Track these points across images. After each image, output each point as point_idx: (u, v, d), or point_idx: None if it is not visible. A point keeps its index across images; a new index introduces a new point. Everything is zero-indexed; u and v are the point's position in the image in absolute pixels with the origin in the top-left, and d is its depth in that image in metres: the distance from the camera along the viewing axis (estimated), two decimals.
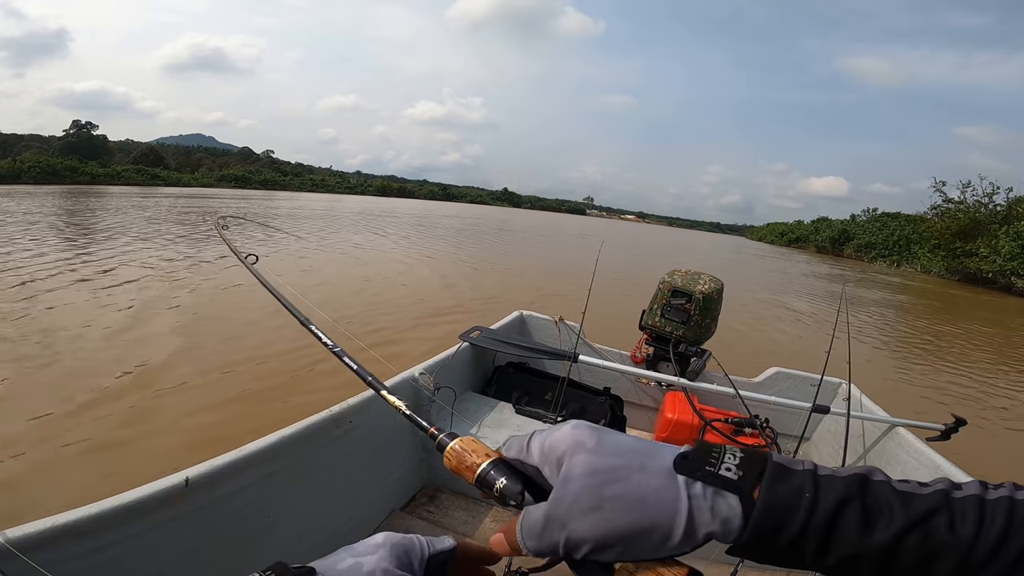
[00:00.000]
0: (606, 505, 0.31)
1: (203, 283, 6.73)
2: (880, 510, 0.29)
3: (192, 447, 2.84)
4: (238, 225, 10.47)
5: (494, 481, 0.38)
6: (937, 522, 0.28)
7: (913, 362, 6.89)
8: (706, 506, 0.30)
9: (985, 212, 28.32)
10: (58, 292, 5.70)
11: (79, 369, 3.74)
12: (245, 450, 1.30)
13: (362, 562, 0.36)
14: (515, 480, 0.37)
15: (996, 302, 18.53)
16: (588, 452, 0.33)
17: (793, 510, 0.29)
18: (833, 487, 0.30)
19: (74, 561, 0.95)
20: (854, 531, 0.29)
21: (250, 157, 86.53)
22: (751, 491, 0.30)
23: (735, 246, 48.90)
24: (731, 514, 0.30)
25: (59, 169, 36.54)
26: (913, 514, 0.29)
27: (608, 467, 0.32)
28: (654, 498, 0.31)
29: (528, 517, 0.34)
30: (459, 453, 0.41)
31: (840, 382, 2.60)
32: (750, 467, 0.31)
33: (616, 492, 0.31)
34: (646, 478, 0.31)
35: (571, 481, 0.33)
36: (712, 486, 0.31)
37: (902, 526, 0.28)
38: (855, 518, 0.29)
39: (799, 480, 0.30)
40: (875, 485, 0.30)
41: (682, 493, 0.31)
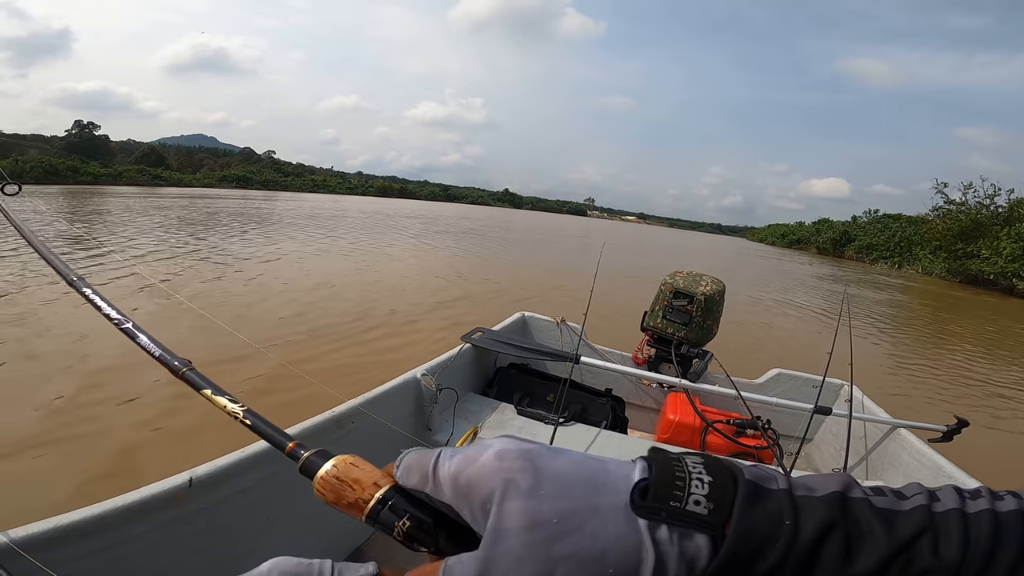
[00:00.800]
0: (557, 570, 0.25)
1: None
2: (862, 536, 0.26)
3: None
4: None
5: (391, 522, 0.29)
6: (921, 546, 0.26)
7: (915, 363, 6.88)
8: (673, 552, 0.25)
9: (987, 214, 28.30)
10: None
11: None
12: (248, 450, 1.30)
13: None
14: (423, 515, 0.29)
15: (997, 304, 18.50)
16: (524, 496, 0.26)
17: (770, 541, 0.25)
18: (813, 511, 0.26)
19: (78, 561, 0.96)
20: (834, 562, 0.25)
21: (252, 157, 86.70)
22: (723, 525, 0.26)
23: (736, 247, 48.90)
24: (698, 554, 0.25)
25: (61, 169, 36.64)
26: (896, 539, 0.26)
27: (553, 514, 0.26)
28: (615, 551, 0.25)
29: (452, 574, 0.27)
30: (334, 486, 0.31)
31: (842, 383, 2.60)
32: (722, 495, 0.27)
33: (568, 550, 0.25)
34: (602, 525, 0.26)
35: (507, 537, 0.26)
36: (680, 526, 0.26)
37: (885, 553, 0.25)
38: (837, 547, 0.26)
39: (776, 503, 0.27)
40: (855, 505, 0.27)
41: (646, 540, 0.25)
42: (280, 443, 0.35)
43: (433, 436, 2.04)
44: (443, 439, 2.02)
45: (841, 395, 2.59)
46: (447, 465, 0.28)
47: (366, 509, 0.30)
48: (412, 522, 0.29)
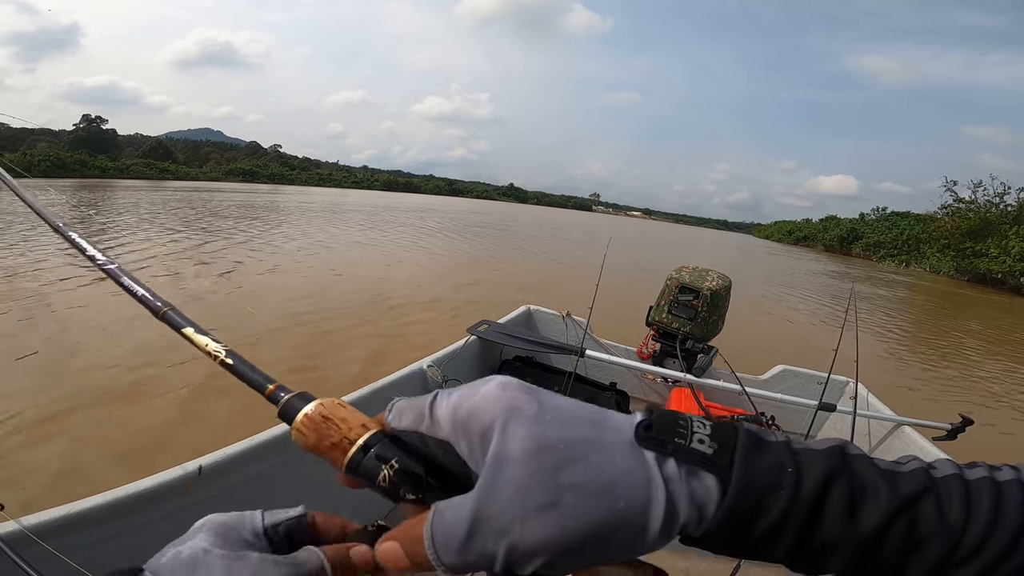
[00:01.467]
0: (565, 499, 0.23)
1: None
2: (865, 490, 0.25)
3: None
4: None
5: (377, 467, 0.27)
6: (925, 506, 0.25)
7: (921, 361, 6.85)
8: (683, 491, 0.24)
9: (996, 212, 28.05)
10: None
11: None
12: (257, 439, 1.32)
13: (181, 550, 0.28)
14: (412, 460, 0.27)
15: (1006, 303, 18.36)
16: (529, 422, 0.24)
17: (774, 490, 0.24)
18: (815, 462, 0.25)
19: (89, 548, 0.97)
20: (840, 515, 0.24)
21: (258, 151, 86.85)
22: (728, 467, 0.25)
23: (742, 244, 48.68)
24: (707, 498, 0.24)
25: (69, 163, 36.86)
26: (900, 495, 0.25)
27: (559, 441, 0.24)
28: (624, 484, 0.23)
29: (443, 519, 0.24)
30: (318, 424, 0.28)
31: (847, 380, 2.59)
32: (724, 438, 0.25)
33: (575, 479, 0.23)
34: (608, 456, 0.24)
35: (510, 464, 0.24)
36: (686, 464, 0.24)
37: (888, 511, 0.24)
38: (841, 498, 0.24)
39: (776, 454, 0.25)
40: (855, 460, 0.26)
41: (655, 475, 0.24)
42: (260, 385, 0.32)
43: None
44: None
45: (846, 392, 2.58)
46: (445, 401, 0.27)
47: (350, 451, 0.27)
48: (400, 464, 0.26)
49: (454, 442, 0.26)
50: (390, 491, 0.27)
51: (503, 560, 0.23)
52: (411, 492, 0.26)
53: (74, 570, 0.83)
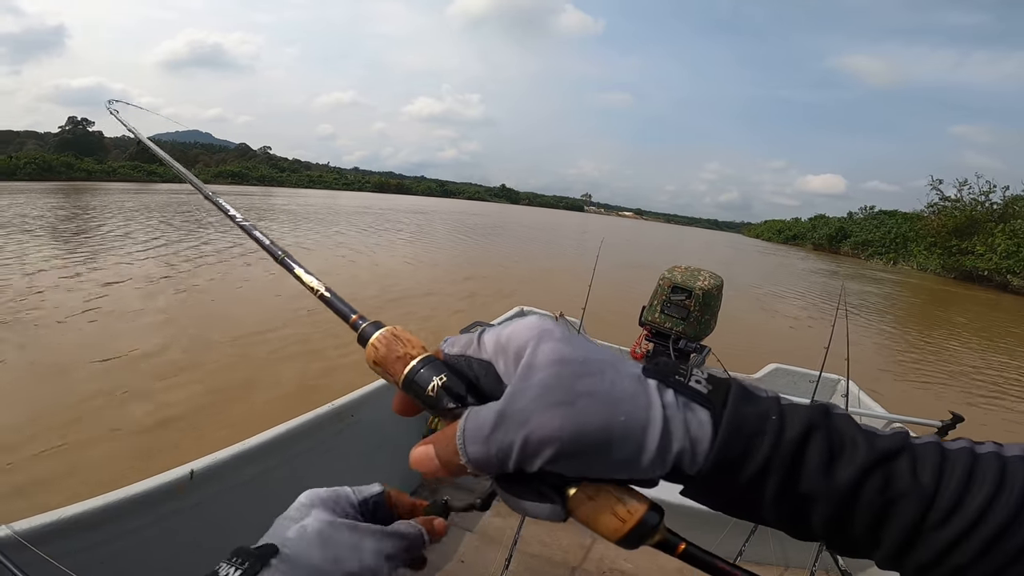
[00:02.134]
0: (579, 401, 0.26)
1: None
2: (843, 444, 0.27)
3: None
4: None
5: (429, 379, 0.30)
6: (900, 464, 0.26)
7: (911, 358, 6.92)
8: (679, 418, 0.26)
9: (982, 210, 28.42)
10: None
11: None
12: (248, 443, 1.31)
13: (304, 525, 0.34)
14: (456, 380, 0.30)
15: (992, 300, 18.61)
16: (557, 340, 0.28)
17: (759, 435, 0.26)
18: (798, 413, 0.27)
19: (82, 552, 0.96)
20: (817, 465, 0.26)
21: (247, 153, 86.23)
22: (721, 407, 0.27)
23: (733, 243, 48.99)
24: (701, 433, 0.26)
25: (55, 165, 36.39)
26: (876, 451, 0.26)
27: (580, 358, 0.27)
28: (629, 402, 0.26)
29: (475, 417, 0.27)
30: (388, 342, 0.33)
31: (839, 378, 2.61)
32: (717, 384, 0.28)
33: (588, 387, 0.26)
34: (619, 377, 0.27)
35: (537, 369, 0.27)
36: (684, 396, 0.27)
37: (864, 464, 0.26)
38: (819, 450, 0.26)
39: (764, 404, 0.28)
40: (837, 418, 0.28)
41: (655, 400, 0.26)
42: (346, 315, 0.38)
43: (433, 426, 2.04)
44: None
45: (838, 390, 2.60)
46: (491, 331, 0.31)
47: (409, 364, 0.31)
48: (447, 380, 0.30)
49: (494, 361, 0.30)
50: (435, 401, 0.30)
51: (518, 449, 0.26)
52: (452, 402, 0.29)
53: (65, 575, 0.82)
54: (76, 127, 57.63)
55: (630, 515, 0.27)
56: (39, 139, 64.84)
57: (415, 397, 0.31)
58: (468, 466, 0.27)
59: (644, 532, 0.27)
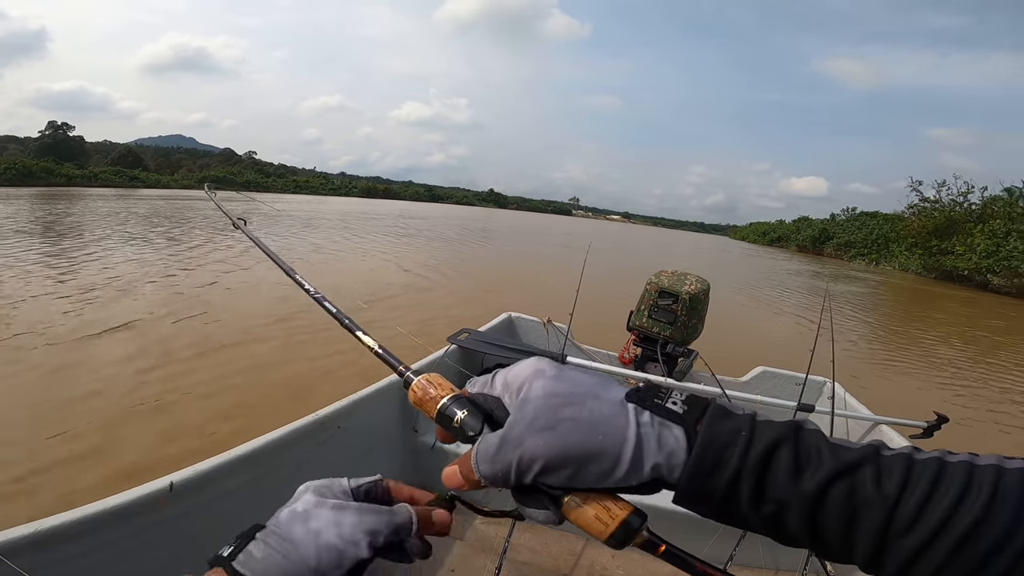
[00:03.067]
0: (559, 426, 0.32)
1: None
2: (809, 456, 0.30)
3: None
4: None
5: (454, 414, 0.38)
6: (863, 474, 0.28)
7: (895, 359, 7.02)
8: (653, 435, 0.31)
9: (960, 211, 29.01)
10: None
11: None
12: (231, 454, 1.29)
13: (295, 507, 0.37)
14: (475, 414, 0.38)
15: (973, 299, 18.98)
16: (547, 378, 0.35)
17: (730, 448, 0.30)
18: (768, 430, 0.31)
19: (59, 566, 0.95)
20: (784, 475, 0.29)
21: (232, 158, 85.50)
22: (695, 425, 0.31)
23: (719, 245, 49.48)
24: (676, 447, 0.31)
25: (35, 171, 35.71)
26: (840, 462, 0.29)
27: (565, 392, 0.33)
28: (605, 424, 0.32)
29: (485, 442, 0.35)
30: (424, 387, 0.42)
31: (824, 380, 2.63)
32: (694, 405, 0.33)
33: (570, 414, 0.32)
34: (599, 405, 0.33)
35: (528, 403, 0.34)
36: (659, 416, 0.32)
37: (829, 474, 0.28)
38: (786, 461, 0.29)
39: (738, 422, 0.31)
40: (808, 433, 0.31)
41: (631, 420, 0.32)
42: (395, 367, 0.50)
43: (419, 438, 2.03)
44: (429, 440, 2.01)
45: (824, 392, 2.62)
46: (501, 372, 0.38)
47: (439, 403, 0.40)
48: (469, 414, 0.38)
49: (502, 397, 0.37)
50: (459, 431, 0.38)
51: (515, 467, 0.33)
52: (472, 431, 0.37)
53: None
54: (56, 132, 56.57)
55: (612, 519, 0.32)
56: (19, 144, 63.62)
57: (446, 428, 0.39)
58: (482, 481, 0.35)
59: (627, 533, 0.32)
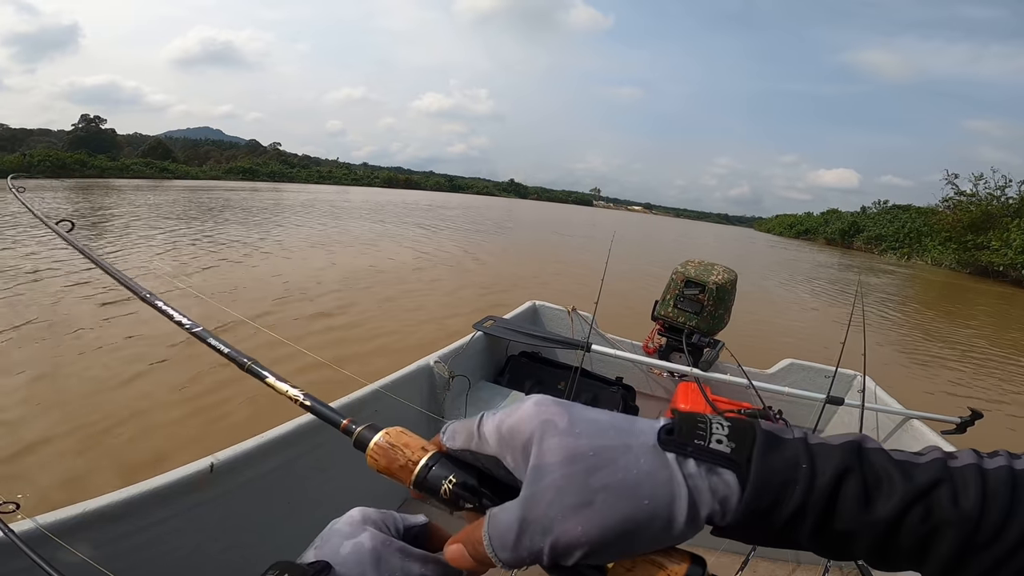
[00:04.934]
0: (596, 499, 0.26)
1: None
2: (879, 482, 0.27)
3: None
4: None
5: (438, 482, 0.31)
6: (939, 495, 0.26)
7: (929, 354, 6.83)
8: (704, 486, 0.27)
9: (997, 205, 27.95)
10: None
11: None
12: (268, 436, 1.33)
13: (360, 541, 0.33)
14: (467, 475, 0.31)
15: (1009, 295, 18.33)
16: (562, 434, 0.28)
17: (790, 484, 0.27)
18: (829, 457, 0.27)
19: (106, 546, 0.98)
20: (853, 506, 0.26)
21: (257, 150, 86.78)
22: (746, 464, 0.27)
23: (745, 237, 48.63)
24: (728, 492, 0.27)
25: (68, 163, 36.79)
26: (915, 486, 0.26)
27: (587, 450, 0.27)
28: (648, 483, 0.27)
29: (497, 523, 0.28)
30: (387, 451, 0.33)
31: (855, 374, 2.58)
32: (741, 437, 0.28)
33: (604, 481, 0.27)
34: (633, 459, 0.27)
35: (547, 472, 0.27)
36: (706, 462, 0.27)
37: (904, 499, 0.26)
38: (854, 490, 0.26)
39: (792, 450, 0.28)
40: (871, 454, 0.28)
41: (676, 474, 0.27)
42: (336, 421, 0.38)
43: (446, 423, 2.06)
44: None
45: (854, 386, 2.58)
46: (490, 421, 0.31)
47: (415, 471, 0.32)
48: (457, 479, 0.30)
49: (501, 456, 0.30)
50: (450, 502, 0.31)
51: (549, 554, 0.27)
52: (468, 502, 0.30)
53: (91, 568, 0.84)
54: (89, 124, 58.26)
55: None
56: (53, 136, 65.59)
57: (430, 497, 0.31)
58: (502, 567, 0.29)
59: None
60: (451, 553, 0.31)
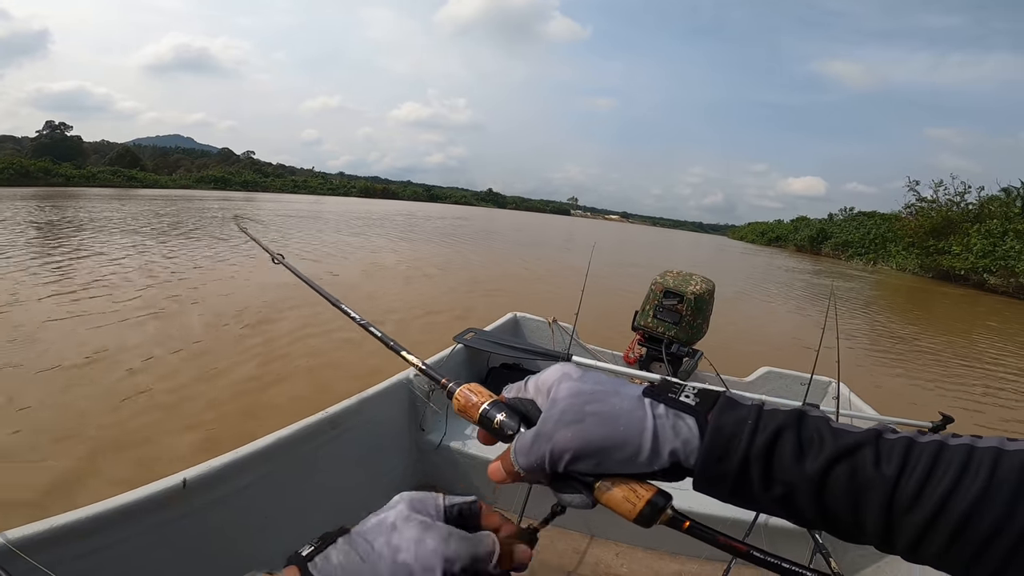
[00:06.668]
0: (586, 420, 0.35)
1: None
2: (811, 440, 0.32)
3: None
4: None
5: (494, 417, 0.42)
6: (863, 456, 0.30)
7: (900, 359, 7.03)
8: (668, 424, 0.35)
9: (957, 211, 29.04)
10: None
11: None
12: (242, 451, 1.31)
13: (384, 516, 0.37)
14: (512, 415, 0.41)
15: (971, 296, 19.04)
16: (572, 380, 0.38)
17: (737, 436, 0.33)
18: (773, 418, 0.33)
19: (76, 561, 0.96)
20: (789, 459, 0.31)
21: (230, 158, 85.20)
22: (706, 416, 0.35)
23: (718, 245, 49.54)
24: (689, 435, 0.34)
25: (32, 171, 35.58)
26: (841, 446, 0.31)
27: (589, 390, 0.37)
28: (626, 416, 0.35)
29: (521, 438, 0.38)
30: (466, 395, 0.45)
31: (829, 380, 2.64)
32: (706, 398, 0.36)
33: (594, 409, 0.36)
34: (619, 400, 0.36)
35: (557, 402, 0.37)
36: (673, 409, 0.35)
37: (830, 456, 0.30)
38: (790, 446, 0.32)
39: (745, 411, 0.34)
40: (811, 419, 0.34)
41: (648, 412, 0.35)
42: (438, 379, 0.52)
43: (426, 436, 2.03)
44: (436, 439, 2.01)
45: (829, 392, 2.63)
46: (533, 378, 0.42)
47: (480, 408, 0.43)
48: (506, 416, 0.41)
49: (535, 398, 0.41)
50: (499, 432, 0.41)
51: (549, 457, 0.36)
52: (510, 430, 0.41)
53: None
54: (54, 131, 56.46)
55: (639, 499, 0.35)
56: (16, 143, 63.40)
57: (487, 429, 0.43)
58: (522, 472, 0.38)
59: (653, 511, 0.35)
60: (491, 468, 0.40)
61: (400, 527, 0.35)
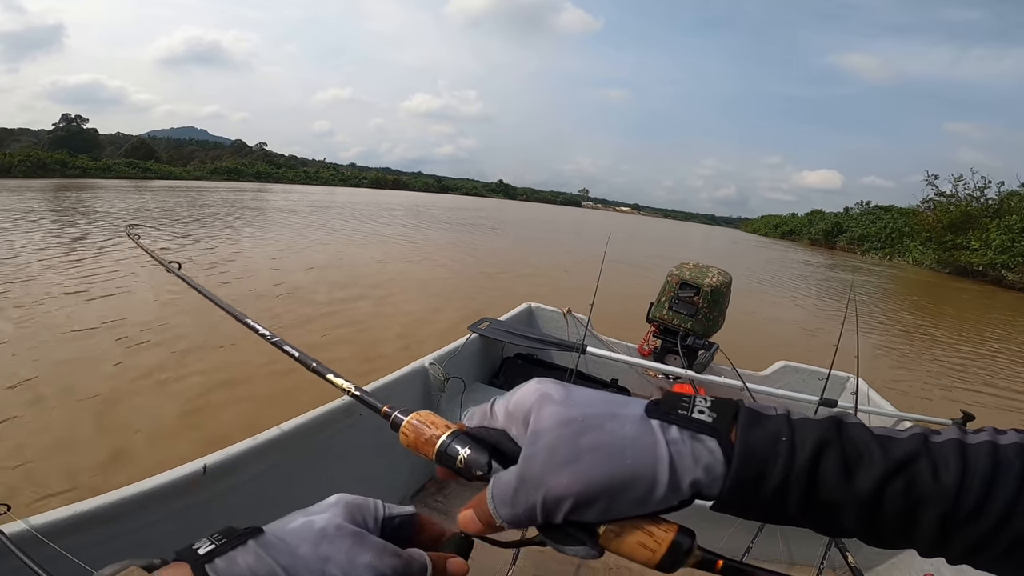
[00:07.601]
0: (583, 457, 0.29)
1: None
2: (859, 455, 0.28)
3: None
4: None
5: (456, 454, 0.35)
6: (919, 468, 0.27)
7: (922, 355, 6.93)
8: (686, 451, 0.28)
9: (976, 206, 28.47)
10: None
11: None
12: (259, 438, 1.33)
13: (313, 520, 0.32)
14: (480, 449, 0.34)
15: (989, 292, 18.71)
16: (556, 404, 0.31)
17: (772, 456, 0.28)
18: (810, 431, 0.29)
19: (98, 547, 0.97)
20: (836, 478, 0.27)
21: (243, 150, 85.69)
22: (728, 433, 0.29)
23: (731, 238, 49.08)
24: (712, 460, 0.28)
25: (49, 163, 36.03)
26: (894, 459, 0.27)
27: (579, 416, 0.30)
28: (632, 446, 0.29)
29: (499, 483, 0.31)
30: (416, 428, 0.38)
31: (848, 376, 2.61)
32: (723, 411, 0.30)
33: (591, 442, 0.29)
34: (619, 425, 0.30)
35: (542, 435, 0.30)
36: (688, 429, 0.29)
37: (884, 471, 0.27)
38: (834, 463, 0.27)
39: (775, 426, 0.29)
40: (851, 428, 0.29)
41: (659, 438, 0.29)
42: (377, 408, 0.47)
43: None
44: None
45: (847, 388, 2.60)
46: (500, 401, 0.35)
47: (436, 444, 0.36)
48: (472, 451, 0.34)
49: (507, 428, 0.33)
50: (465, 471, 0.34)
51: (541, 507, 0.29)
52: (479, 470, 0.33)
53: (82, 569, 0.82)
54: (70, 124, 57.12)
55: (658, 544, 0.29)
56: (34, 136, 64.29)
57: (449, 468, 0.36)
58: (504, 525, 0.31)
59: (677, 555, 0.29)
60: (462, 518, 0.33)
61: (331, 536, 0.31)
